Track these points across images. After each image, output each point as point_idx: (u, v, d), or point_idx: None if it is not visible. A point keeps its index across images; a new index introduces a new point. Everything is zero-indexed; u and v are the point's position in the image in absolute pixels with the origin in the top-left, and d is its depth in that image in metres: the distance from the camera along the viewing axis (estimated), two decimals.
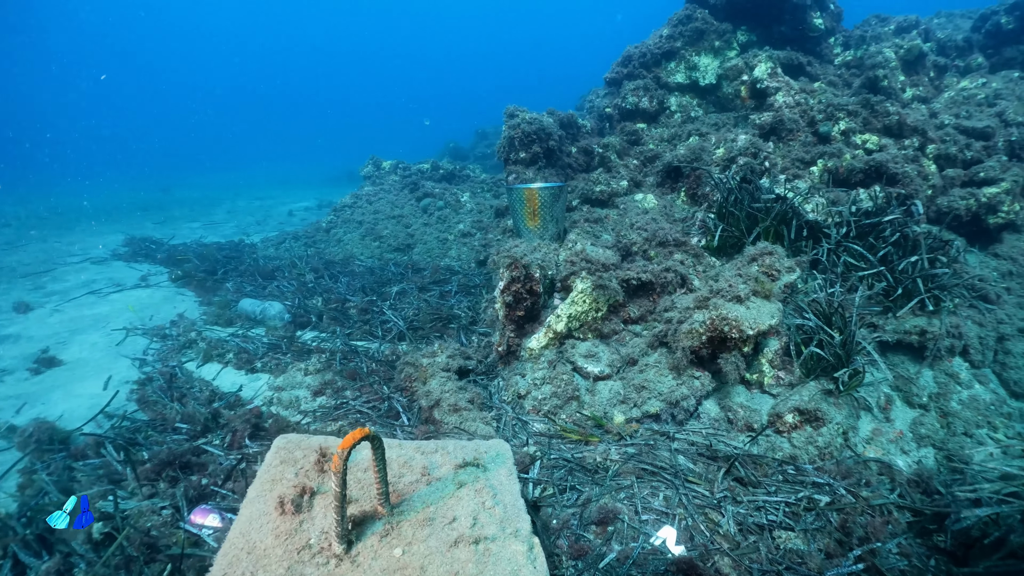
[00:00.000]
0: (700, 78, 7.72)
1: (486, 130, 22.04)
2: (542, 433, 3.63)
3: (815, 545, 2.76)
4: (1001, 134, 5.06)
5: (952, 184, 4.92)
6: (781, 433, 3.66)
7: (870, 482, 3.33)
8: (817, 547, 2.73)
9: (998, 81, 5.93)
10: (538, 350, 4.14)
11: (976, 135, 5.07)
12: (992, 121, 5.14)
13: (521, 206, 4.95)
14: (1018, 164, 4.83)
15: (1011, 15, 6.66)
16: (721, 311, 3.53)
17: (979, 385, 4.07)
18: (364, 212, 9.54)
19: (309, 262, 7.85)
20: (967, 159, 4.98)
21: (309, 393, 4.04)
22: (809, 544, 2.76)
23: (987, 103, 5.60)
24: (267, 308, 5.67)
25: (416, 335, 5.55)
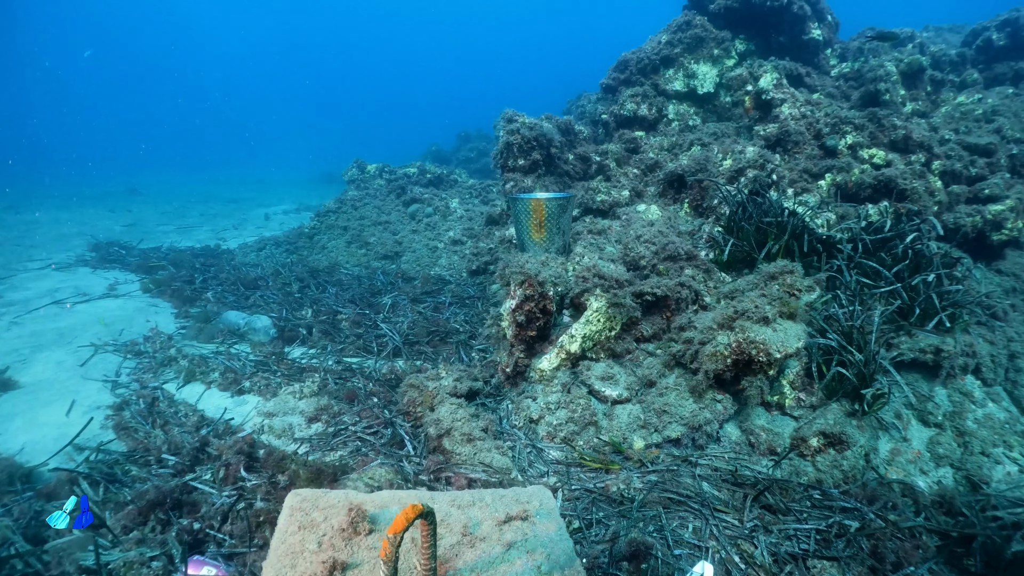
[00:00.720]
0: (699, 86, 7.75)
1: (469, 133, 21.89)
2: (559, 461, 3.50)
3: (850, 574, 2.71)
4: (1003, 151, 5.19)
5: (957, 201, 5.00)
6: (805, 457, 3.62)
7: (896, 505, 3.32)
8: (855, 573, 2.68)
9: (993, 97, 6.11)
10: (549, 371, 4.00)
11: (979, 152, 5.19)
12: (993, 138, 5.27)
13: (526, 217, 4.82)
14: (1020, 181, 4.95)
15: (1002, 32, 6.89)
16: (748, 334, 3.47)
17: (992, 404, 4.12)
18: (349, 218, 9.26)
19: (293, 270, 7.54)
20: (971, 176, 5.08)
21: (303, 420, 3.80)
22: (844, 573, 2.72)
23: (985, 119, 5.75)
24: (253, 321, 5.39)
25: (412, 350, 5.35)
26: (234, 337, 5.41)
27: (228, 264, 7.86)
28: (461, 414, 3.27)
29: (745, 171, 5.24)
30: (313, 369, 4.68)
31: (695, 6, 7.81)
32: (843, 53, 7.58)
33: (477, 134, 21.71)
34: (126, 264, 7.79)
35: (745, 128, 6.62)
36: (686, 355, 3.85)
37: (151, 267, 7.43)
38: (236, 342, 5.32)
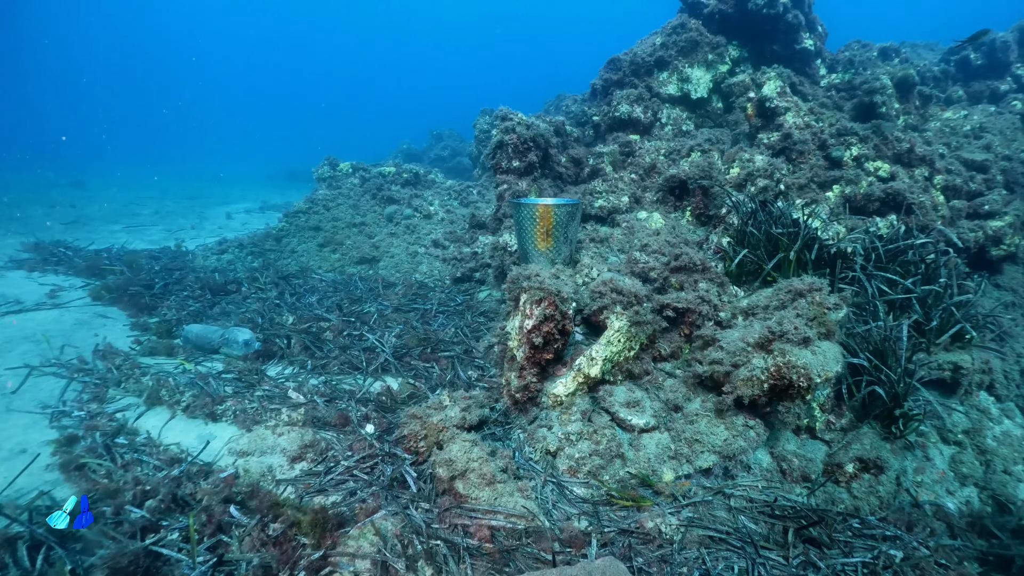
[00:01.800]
0: (692, 91, 7.66)
1: (441, 132, 21.39)
2: (585, 499, 3.20)
3: None
4: (996, 167, 5.30)
5: (959, 215, 5.05)
6: (840, 483, 3.48)
7: (935, 531, 3.24)
8: None
9: (978, 114, 6.30)
10: (565, 397, 3.69)
11: (975, 167, 5.28)
12: (987, 154, 5.38)
13: (532, 224, 4.50)
14: (1016, 197, 5.06)
15: (979, 51, 7.14)
16: (789, 357, 3.27)
17: (1008, 420, 4.13)
18: (321, 219, 8.66)
19: (265, 275, 6.93)
20: (971, 191, 5.15)
21: (285, 459, 3.32)
22: None
23: (974, 135, 5.89)
24: (232, 334, 4.82)
25: (403, 364, 4.93)
26: (202, 352, 4.83)
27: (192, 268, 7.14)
28: (477, 453, 2.91)
29: (755, 179, 5.12)
30: (297, 389, 4.18)
31: (689, 9, 7.72)
32: (832, 64, 7.68)
33: (449, 133, 21.23)
34: (73, 266, 6.94)
35: (745, 135, 6.55)
36: (713, 378, 3.64)
37: (102, 270, 6.64)
38: (203, 358, 4.75)
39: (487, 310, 6.70)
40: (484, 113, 12.42)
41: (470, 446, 2.94)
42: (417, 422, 3.27)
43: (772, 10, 6.92)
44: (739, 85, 6.17)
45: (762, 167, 5.14)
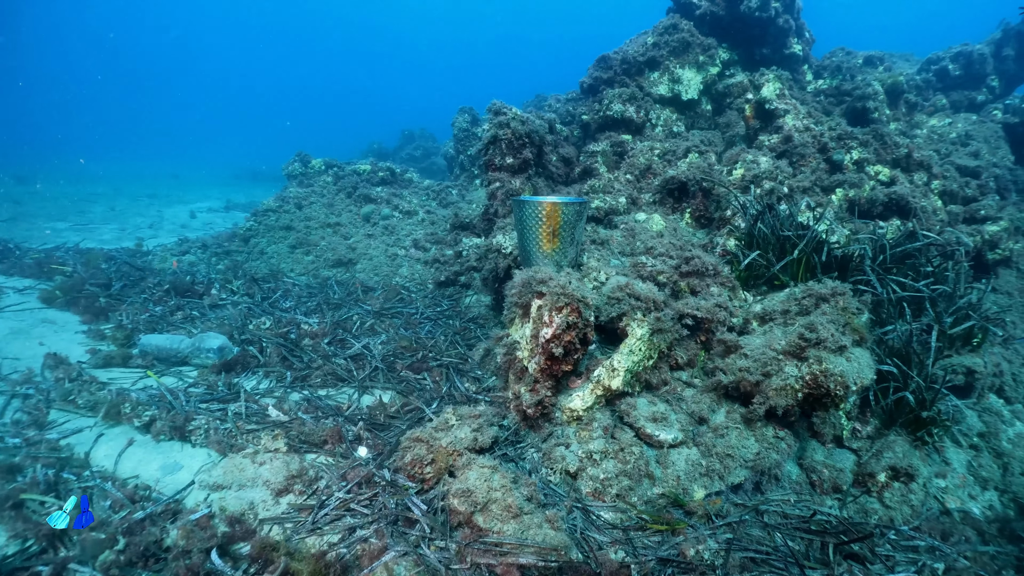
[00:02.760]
0: (683, 92, 7.58)
1: (412, 131, 20.92)
2: (614, 525, 2.91)
3: None
4: (988, 174, 5.40)
5: (956, 220, 5.08)
6: (871, 493, 3.34)
7: (969, 538, 3.16)
8: None
9: (961, 122, 6.45)
10: (583, 411, 3.40)
11: (968, 173, 5.36)
12: (979, 161, 5.47)
13: (536, 224, 4.21)
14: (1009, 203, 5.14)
15: (956, 63, 7.36)
16: (826, 365, 3.09)
17: (1019, 422, 4.12)
18: (293, 218, 8.10)
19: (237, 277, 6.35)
20: (966, 196, 5.21)
21: (269, 493, 2.87)
22: None
23: (960, 143, 6.01)
24: (201, 341, 4.28)
25: (393, 376, 4.52)
26: (167, 364, 4.28)
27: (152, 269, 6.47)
28: (498, 481, 2.57)
29: (761, 182, 5.00)
30: (278, 406, 3.72)
31: (681, 10, 7.65)
32: (818, 70, 7.76)
33: (421, 133, 20.77)
34: (18, 266, 6.16)
35: (741, 137, 6.48)
36: (740, 388, 3.44)
37: (53, 270, 5.91)
38: (165, 370, 4.20)
39: (477, 316, 6.36)
40: (463, 111, 12.07)
41: (489, 473, 2.60)
42: (422, 446, 2.89)
43: (764, 13, 6.91)
44: (737, 86, 6.09)
45: (767, 169, 5.03)
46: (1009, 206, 5.08)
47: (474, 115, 12.34)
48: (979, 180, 5.31)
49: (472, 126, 12.19)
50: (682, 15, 7.60)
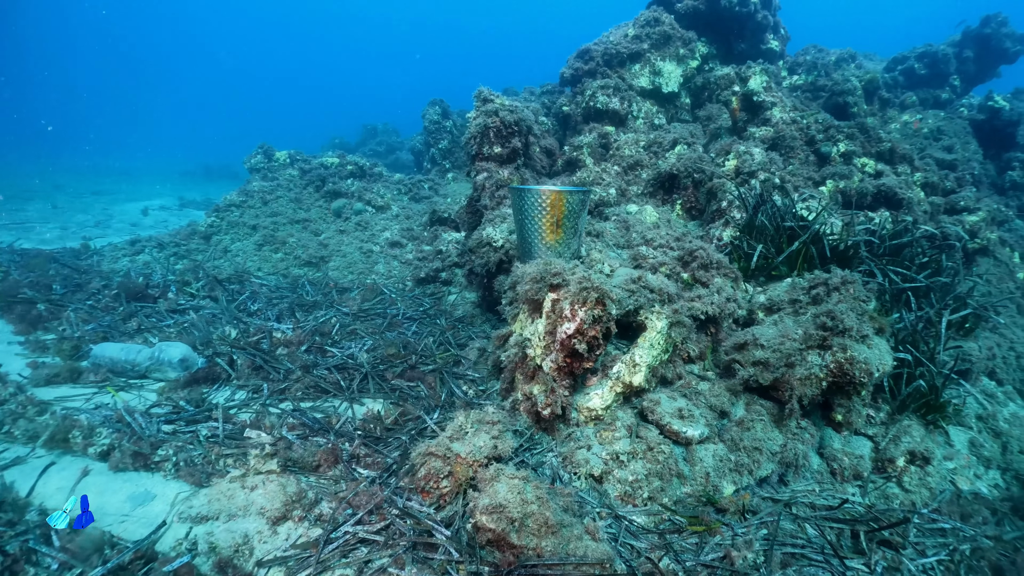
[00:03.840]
0: (663, 84, 7.56)
1: (375, 126, 20.29)
2: (648, 528, 2.73)
3: None
4: (963, 167, 5.60)
5: (938, 211, 5.22)
6: (890, 478, 3.33)
7: (986, 518, 3.19)
8: None
9: (931, 118, 6.71)
10: (602, 410, 3.21)
11: (946, 166, 5.54)
12: (954, 155, 5.66)
13: (539, 214, 3.98)
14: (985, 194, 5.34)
15: (921, 62, 7.68)
16: (851, 353, 3.02)
17: (1012, 403, 4.24)
18: (258, 214, 7.54)
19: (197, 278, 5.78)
20: (946, 188, 5.37)
21: (265, 522, 2.50)
22: None
23: (933, 137, 6.23)
24: (161, 352, 3.80)
25: (384, 385, 4.18)
26: (121, 377, 3.78)
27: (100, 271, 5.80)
28: (533, 493, 2.33)
29: (756, 173, 4.97)
30: (257, 424, 3.33)
31: (662, 3, 7.62)
32: (793, 66, 7.91)
33: (384, 127, 20.16)
34: None
35: (726, 130, 6.48)
36: (759, 379, 3.34)
37: None
38: (125, 384, 3.71)
39: (464, 315, 6.07)
40: (434, 104, 11.71)
41: (521, 485, 2.35)
42: (438, 460, 2.61)
43: (744, 8, 6.96)
44: (724, 78, 6.09)
45: (762, 161, 5.01)
46: (986, 197, 5.27)
47: (445, 108, 12.00)
48: (956, 173, 5.49)
49: (443, 119, 11.84)
50: (664, 8, 7.57)
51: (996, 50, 7.36)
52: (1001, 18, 7.27)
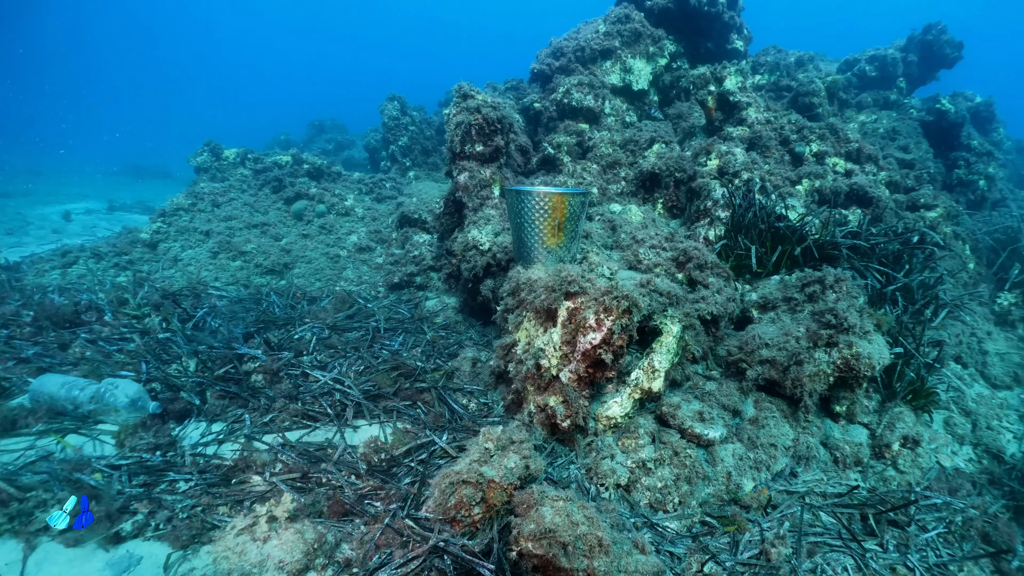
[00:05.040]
0: (634, 82, 7.68)
1: (323, 122, 19.50)
2: (680, 533, 2.76)
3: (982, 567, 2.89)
4: (919, 165, 6.06)
5: (902, 207, 5.61)
6: (887, 462, 3.57)
7: (969, 491, 3.49)
8: (991, 570, 2.90)
9: (885, 119, 7.21)
10: (621, 418, 3.20)
11: (905, 165, 5.96)
12: (911, 155, 6.11)
13: (541, 217, 3.92)
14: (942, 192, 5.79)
15: (872, 64, 8.24)
16: (857, 349, 3.17)
17: (977, 384, 4.63)
18: (210, 218, 7.01)
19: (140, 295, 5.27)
20: (907, 186, 5.78)
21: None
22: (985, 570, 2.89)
23: (889, 137, 6.69)
24: (107, 391, 3.40)
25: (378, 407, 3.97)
26: (61, 418, 3.36)
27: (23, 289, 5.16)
28: (581, 514, 2.27)
29: (739, 173, 5.13)
30: (247, 465, 3.05)
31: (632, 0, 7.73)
32: (755, 66, 8.26)
33: (332, 124, 19.41)
34: None
35: (700, 128, 6.67)
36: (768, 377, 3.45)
37: None
38: (79, 427, 3.30)
39: (447, 322, 5.91)
40: (392, 99, 11.37)
41: (568, 507, 2.29)
42: (469, 487, 2.50)
43: (712, 8, 7.18)
44: (700, 78, 6.25)
45: (744, 161, 5.18)
46: (943, 194, 5.73)
47: (403, 103, 11.67)
48: (915, 171, 5.93)
49: (401, 115, 11.52)
50: (634, 6, 7.68)
51: (938, 55, 8.03)
52: (941, 26, 7.94)
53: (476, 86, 12.95)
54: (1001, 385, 4.68)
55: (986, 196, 6.72)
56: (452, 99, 5.67)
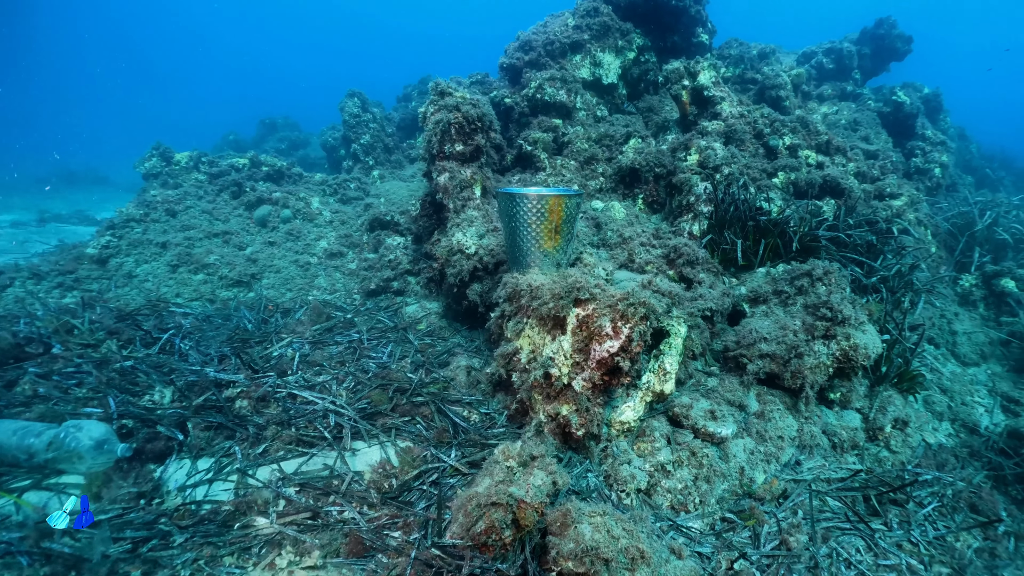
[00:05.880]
0: (603, 76, 7.73)
1: (274, 120, 18.68)
2: (704, 532, 2.81)
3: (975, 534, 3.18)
4: (883, 156, 6.39)
5: (870, 197, 5.91)
6: (879, 443, 3.77)
7: (953, 464, 3.78)
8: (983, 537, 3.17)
9: (846, 110, 7.57)
10: (634, 423, 3.22)
11: (871, 156, 6.27)
12: (874, 145, 6.43)
13: (538, 221, 3.88)
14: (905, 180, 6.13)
15: (828, 57, 8.63)
16: (855, 340, 3.32)
17: (949, 363, 4.95)
18: (166, 229, 6.56)
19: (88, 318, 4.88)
20: (873, 176, 6.09)
21: None
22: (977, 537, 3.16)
23: (851, 128, 7.03)
24: (70, 435, 3.07)
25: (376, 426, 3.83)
26: (11, 472, 3.04)
27: None
28: (620, 528, 2.27)
29: (720, 168, 5.25)
30: (245, 507, 2.86)
31: None
32: (719, 59, 8.48)
33: (284, 122, 18.63)
34: None
35: (674, 122, 6.79)
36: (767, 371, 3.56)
37: None
38: (40, 480, 3.00)
39: (431, 328, 5.79)
40: (352, 95, 11.00)
41: (605, 522, 2.27)
42: (499, 510, 2.44)
43: (680, 2, 7.30)
44: (674, 72, 6.36)
45: (725, 155, 5.31)
46: (907, 183, 6.07)
47: (363, 99, 11.32)
48: (879, 161, 6.25)
49: (363, 112, 11.17)
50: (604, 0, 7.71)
51: (889, 48, 8.50)
52: (891, 21, 8.40)
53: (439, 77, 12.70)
54: (970, 362, 5.02)
55: (941, 183, 7.20)
56: (429, 96, 5.52)
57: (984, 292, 5.55)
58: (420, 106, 13.88)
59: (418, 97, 14.13)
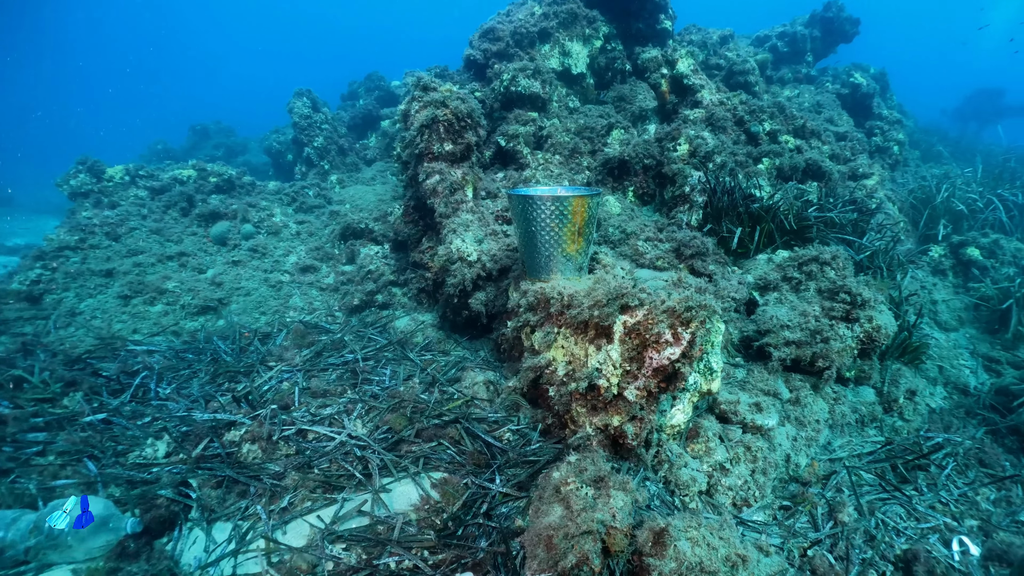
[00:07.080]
0: (572, 65, 7.71)
1: (206, 126, 17.37)
2: (768, 522, 2.88)
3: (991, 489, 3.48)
4: (850, 136, 6.77)
5: (844, 178, 6.25)
6: (894, 415, 4.02)
7: (957, 426, 4.15)
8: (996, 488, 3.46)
9: (808, 93, 7.96)
10: (683, 424, 3.23)
11: (840, 137, 6.62)
12: (842, 127, 6.80)
13: (560, 224, 3.80)
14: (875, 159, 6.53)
15: (783, 40, 9.04)
16: (877, 322, 3.50)
17: (934, 330, 5.34)
18: (109, 255, 5.92)
19: (34, 362, 4.32)
20: (846, 157, 6.44)
21: None
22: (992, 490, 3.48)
23: (815, 110, 7.40)
24: (52, 518, 2.61)
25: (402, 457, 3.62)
26: None
27: None
28: (714, 538, 2.26)
29: (712, 157, 5.37)
30: None
31: None
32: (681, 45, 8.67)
33: (217, 127, 17.36)
34: None
35: (652, 111, 6.87)
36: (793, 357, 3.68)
37: None
38: None
39: (428, 342, 5.57)
40: (300, 95, 10.41)
41: (701, 534, 2.25)
42: (588, 539, 2.36)
43: None
44: (652, 61, 6.42)
45: (715, 144, 5.42)
46: (875, 163, 6.47)
47: (314, 99, 10.74)
48: (849, 142, 6.62)
49: (313, 112, 10.58)
50: None
51: (838, 31, 9.02)
52: (839, 4, 8.90)
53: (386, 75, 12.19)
54: (950, 328, 5.44)
55: (899, 159, 7.75)
56: (411, 93, 5.27)
57: (952, 261, 6.01)
58: (368, 103, 13.32)
59: (365, 95, 13.58)
